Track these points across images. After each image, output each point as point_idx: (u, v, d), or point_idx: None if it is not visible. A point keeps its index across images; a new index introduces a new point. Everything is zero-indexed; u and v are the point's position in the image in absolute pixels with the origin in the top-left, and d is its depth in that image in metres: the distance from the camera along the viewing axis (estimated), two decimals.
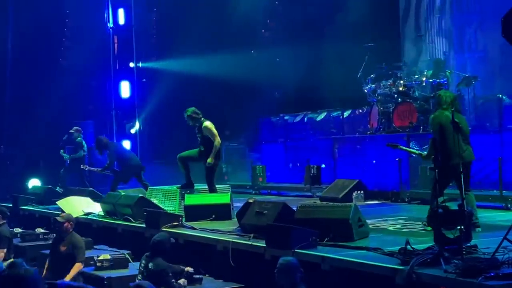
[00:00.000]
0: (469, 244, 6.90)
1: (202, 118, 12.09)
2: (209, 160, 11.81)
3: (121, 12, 20.03)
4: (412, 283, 6.35)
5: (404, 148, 10.00)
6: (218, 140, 11.91)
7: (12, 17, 20.76)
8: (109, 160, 14.35)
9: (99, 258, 9.69)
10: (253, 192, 16.42)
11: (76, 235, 9.82)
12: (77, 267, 9.44)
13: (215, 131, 11.92)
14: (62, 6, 20.46)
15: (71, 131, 17.07)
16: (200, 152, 12.13)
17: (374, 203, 12.79)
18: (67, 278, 8.85)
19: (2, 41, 20.63)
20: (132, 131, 19.71)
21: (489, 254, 6.46)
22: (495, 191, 11.48)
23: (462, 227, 6.74)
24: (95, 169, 15.25)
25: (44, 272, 9.69)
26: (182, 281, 8.45)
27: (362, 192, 12.94)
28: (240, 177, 17.93)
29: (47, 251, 11.26)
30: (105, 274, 9.31)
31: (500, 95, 13.01)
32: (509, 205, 10.83)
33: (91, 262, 9.84)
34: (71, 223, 9.85)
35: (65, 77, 20.42)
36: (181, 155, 12.36)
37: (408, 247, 6.82)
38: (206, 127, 11.94)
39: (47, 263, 9.96)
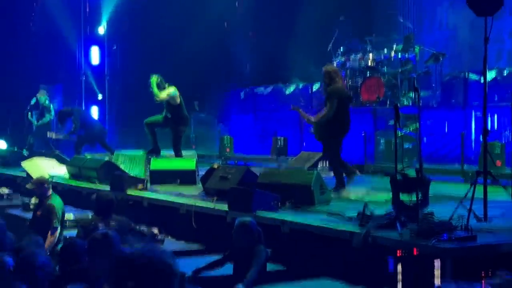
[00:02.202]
0: (426, 211, 7.05)
1: (166, 84, 12.18)
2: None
3: None
4: (368, 246, 6.49)
5: (302, 112, 10.18)
6: (163, 97, 12.01)
7: None
8: (74, 125, 14.31)
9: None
10: (220, 162, 16.48)
11: (53, 199, 9.02)
12: (51, 237, 8.62)
13: (171, 91, 12.05)
14: None
15: (37, 94, 16.97)
16: (166, 118, 12.21)
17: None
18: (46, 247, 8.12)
19: None
20: (99, 97, 19.64)
21: (444, 221, 6.61)
22: (456, 165, 11.68)
23: (420, 193, 6.92)
24: (61, 135, 15.19)
25: None
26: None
27: (327, 163, 13.04)
28: (207, 147, 18.00)
29: (13, 211, 11.30)
30: (67, 234, 9.26)
31: (466, 73, 13.18)
32: (469, 180, 11.03)
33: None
34: (45, 185, 9.08)
35: (35, 42, 20.24)
36: (147, 120, 12.44)
37: (366, 211, 6.96)
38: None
39: None
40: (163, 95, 12.04)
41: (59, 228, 8.77)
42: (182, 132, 12.29)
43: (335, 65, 15.24)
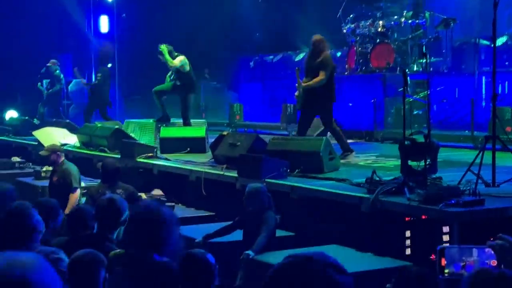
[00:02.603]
0: (434, 176, 7.07)
1: (176, 53, 12.21)
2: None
3: None
4: (376, 211, 6.53)
5: (298, 76, 10.20)
6: (176, 63, 12.07)
7: None
8: (98, 79, 14.67)
9: None
10: (230, 130, 16.51)
11: (67, 164, 9.13)
12: (73, 197, 8.72)
13: (181, 58, 12.14)
14: None
15: (48, 64, 17.01)
16: (174, 85, 12.25)
17: (348, 142, 12.89)
18: (66, 211, 7.93)
19: None
20: (108, 65, 19.65)
21: (452, 186, 6.63)
22: (466, 131, 11.65)
23: (428, 159, 6.93)
24: (83, 80, 15.39)
25: None
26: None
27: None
28: (217, 115, 18.01)
29: (24, 179, 11.37)
30: None
31: (477, 38, 13.07)
32: (478, 145, 11.01)
33: None
34: (58, 153, 9.19)
35: (44, 10, 20.19)
36: (156, 89, 12.49)
37: (375, 177, 6.98)
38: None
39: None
40: (176, 62, 12.09)
41: (79, 189, 8.84)
42: (191, 100, 12.35)
43: (345, 31, 15.21)
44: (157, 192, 9.06)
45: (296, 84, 10.23)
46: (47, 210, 5.21)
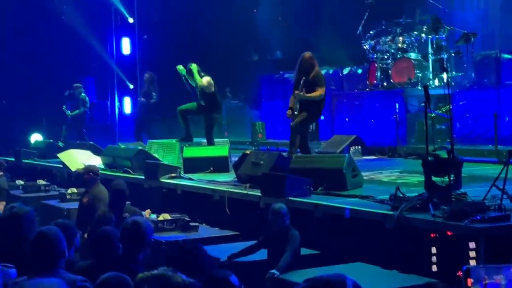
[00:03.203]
0: (458, 192, 7.03)
1: (202, 73, 12.31)
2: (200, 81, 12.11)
3: None
4: (401, 228, 6.51)
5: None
6: (205, 83, 12.20)
7: None
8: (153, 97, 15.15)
9: (159, 219, 8.98)
10: (253, 148, 16.53)
11: (100, 187, 9.09)
12: None
13: (209, 78, 12.30)
14: None
15: (73, 87, 17.23)
16: (199, 105, 12.33)
17: (371, 158, 12.92)
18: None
19: None
20: (131, 86, 19.82)
21: (477, 201, 6.59)
22: (490, 146, 11.58)
23: (452, 175, 6.90)
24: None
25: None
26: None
27: (359, 147, 13.06)
28: (240, 134, 18.04)
29: (49, 202, 11.48)
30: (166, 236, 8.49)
31: (498, 52, 13.02)
32: (503, 159, 10.93)
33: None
34: (91, 173, 9.16)
35: (67, 34, 20.43)
36: (180, 108, 12.58)
37: (399, 193, 6.96)
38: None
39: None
40: (204, 81, 12.18)
41: None
42: (215, 120, 12.46)
43: (365, 48, 15.22)
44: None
45: (291, 98, 10.55)
46: (67, 232, 5.23)
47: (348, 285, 1.83)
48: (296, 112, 10.41)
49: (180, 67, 12.53)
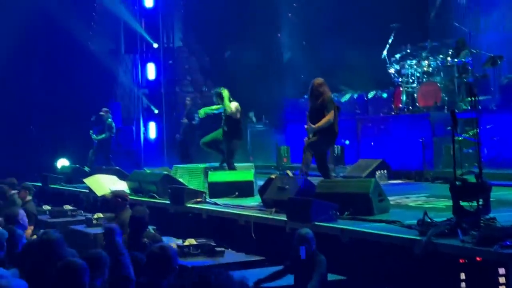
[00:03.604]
0: (487, 217, 6.94)
1: (231, 99, 12.37)
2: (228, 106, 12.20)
3: None
4: (429, 253, 6.43)
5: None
6: (233, 109, 12.27)
7: (42, 3, 21.01)
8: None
9: (185, 244, 8.75)
10: (278, 172, 16.48)
11: (128, 212, 8.96)
12: None
13: (230, 102, 12.36)
14: None
15: (101, 113, 17.39)
16: (223, 132, 12.37)
17: (397, 182, 12.83)
18: None
19: (32, 25, 20.90)
20: (155, 111, 19.95)
21: (507, 226, 6.50)
22: None
23: (481, 199, 6.81)
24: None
25: None
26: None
27: (385, 171, 12.97)
28: (265, 158, 18.03)
29: (76, 227, 11.50)
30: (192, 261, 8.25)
31: None
32: None
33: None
34: (120, 199, 9.24)
35: (93, 60, 20.68)
36: (204, 140, 12.63)
37: (427, 218, 6.89)
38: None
39: None
40: (233, 107, 12.23)
41: None
42: (236, 146, 12.46)
43: (390, 72, 15.19)
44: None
45: (306, 126, 10.70)
46: (95, 263, 5.18)
47: None
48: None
49: (201, 112, 12.66)
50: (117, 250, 6.05)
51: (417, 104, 14.09)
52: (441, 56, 14.37)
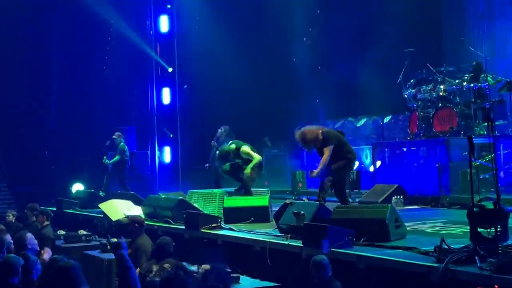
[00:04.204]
0: (505, 244, 6.86)
1: (238, 145, 12.36)
2: (247, 171, 12.19)
3: (163, 20, 20.30)
4: (447, 281, 6.35)
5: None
6: (258, 156, 12.37)
7: (58, 27, 21.23)
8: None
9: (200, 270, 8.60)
10: (293, 198, 16.42)
11: (144, 238, 9.24)
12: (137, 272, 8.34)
13: (252, 152, 12.33)
14: (107, 16, 20.82)
15: (113, 136, 17.39)
16: (234, 164, 12.45)
17: (413, 208, 12.73)
18: None
19: (49, 49, 21.12)
20: (171, 135, 19.97)
21: None
22: None
23: (499, 226, 6.74)
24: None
25: None
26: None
27: (401, 197, 12.88)
28: (280, 183, 17.99)
29: (91, 252, 11.47)
30: None
31: None
32: None
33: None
34: (136, 224, 9.34)
35: (109, 85, 20.82)
36: (224, 168, 12.65)
37: (444, 245, 6.81)
38: (244, 151, 12.32)
39: None
40: (256, 155, 12.33)
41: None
42: (257, 175, 12.55)
43: (406, 96, 15.16)
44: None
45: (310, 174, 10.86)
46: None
47: None
48: None
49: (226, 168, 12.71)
50: (125, 261, 6.29)
51: (433, 129, 14.02)
52: (456, 81, 14.33)
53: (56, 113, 20.98)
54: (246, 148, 12.32)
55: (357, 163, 14.51)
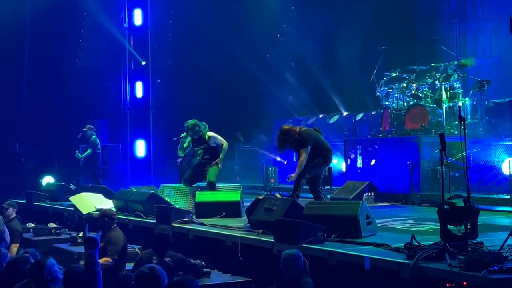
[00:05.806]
0: (475, 241, 6.93)
1: (203, 130, 12.36)
2: (220, 166, 12.30)
3: (137, 13, 20.17)
4: (417, 277, 6.41)
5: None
6: (226, 142, 12.43)
7: (30, 19, 20.99)
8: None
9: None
10: (265, 193, 16.44)
11: (116, 231, 9.20)
12: (103, 260, 8.41)
13: (220, 137, 12.39)
14: (80, 8, 20.64)
15: (84, 129, 17.26)
16: (201, 163, 12.42)
17: (384, 205, 12.83)
18: None
19: (20, 41, 20.87)
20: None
21: (494, 251, 6.50)
22: (505, 194, 11.47)
23: (469, 224, 6.81)
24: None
25: None
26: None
27: (372, 193, 12.99)
28: (252, 178, 18.00)
29: (60, 245, 11.40)
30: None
31: None
32: None
33: None
34: (106, 218, 9.26)
35: (81, 77, 20.66)
36: (186, 178, 12.59)
37: (414, 242, 6.87)
38: (211, 136, 12.36)
39: None
40: (224, 143, 12.39)
41: (114, 260, 8.79)
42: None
43: (378, 94, 15.25)
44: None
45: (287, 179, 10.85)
46: None
47: None
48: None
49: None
50: (93, 264, 6.05)
51: (405, 127, 14.12)
52: (428, 79, 14.44)
53: (26, 105, 20.75)
54: (213, 133, 12.42)
55: (335, 160, 14.56)
